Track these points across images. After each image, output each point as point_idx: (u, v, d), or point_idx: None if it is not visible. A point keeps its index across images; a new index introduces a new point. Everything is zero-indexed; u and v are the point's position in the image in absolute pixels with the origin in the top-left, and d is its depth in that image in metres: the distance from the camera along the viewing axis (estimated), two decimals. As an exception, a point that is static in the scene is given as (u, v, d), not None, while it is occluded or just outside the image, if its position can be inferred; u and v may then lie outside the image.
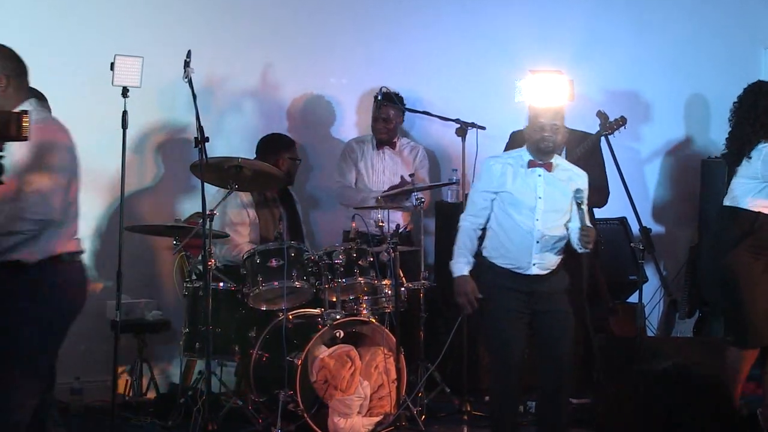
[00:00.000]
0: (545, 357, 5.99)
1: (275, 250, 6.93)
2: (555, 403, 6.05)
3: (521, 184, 5.93)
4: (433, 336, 7.53)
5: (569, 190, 5.92)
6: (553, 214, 5.92)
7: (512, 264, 5.94)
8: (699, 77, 9.16)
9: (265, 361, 6.94)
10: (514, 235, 5.91)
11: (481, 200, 6.01)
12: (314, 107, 8.44)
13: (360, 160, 8.12)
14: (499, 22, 8.68)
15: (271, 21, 8.25)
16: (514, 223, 5.92)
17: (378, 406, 6.91)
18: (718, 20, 9.23)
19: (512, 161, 6.00)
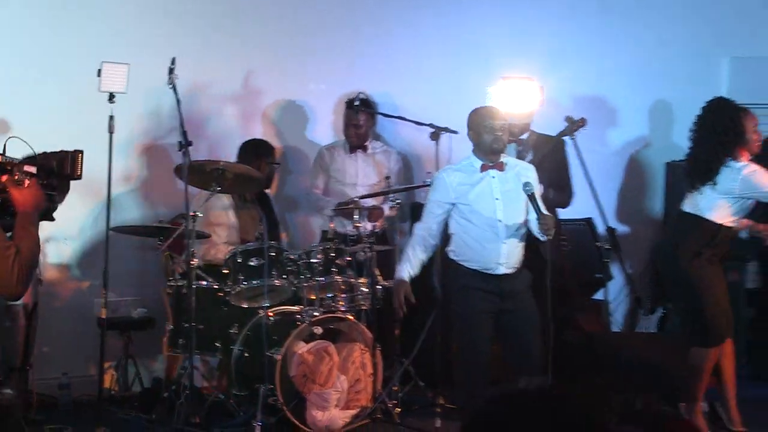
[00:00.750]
0: (514, 354, 6.16)
1: (256, 249, 6.98)
2: None
3: (478, 190, 6.08)
4: (407, 332, 7.58)
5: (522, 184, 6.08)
6: (513, 212, 6.07)
7: (481, 266, 6.10)
8: (663, 84, 9.20)
9: (246, 356, 7.00)
10: (480, 239, 6.07)
11: (438, 210, 6.17)
12: (293, 112, 8.51)
13: (331, 165, 8.22)
14: (472, 30, 8.75)
15: (253, 29, 8.33)
16: (479, 228, 6.07)
17: (355, 399, 6.97)
18: (683, 29, 9.26)
19: (464, 170, 6.17)
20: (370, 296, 7.19)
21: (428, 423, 7.04)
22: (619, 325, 8.94)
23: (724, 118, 6.75)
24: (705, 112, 6.87)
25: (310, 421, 6.79)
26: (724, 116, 6.76)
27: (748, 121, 6.70)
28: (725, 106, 6.82)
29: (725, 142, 6.71)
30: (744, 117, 6.71)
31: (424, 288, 7.54)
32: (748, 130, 6.69)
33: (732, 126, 6.70)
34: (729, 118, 6.73)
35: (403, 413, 7.23)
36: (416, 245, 6.23)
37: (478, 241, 6.10)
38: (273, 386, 6.71)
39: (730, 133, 6.71)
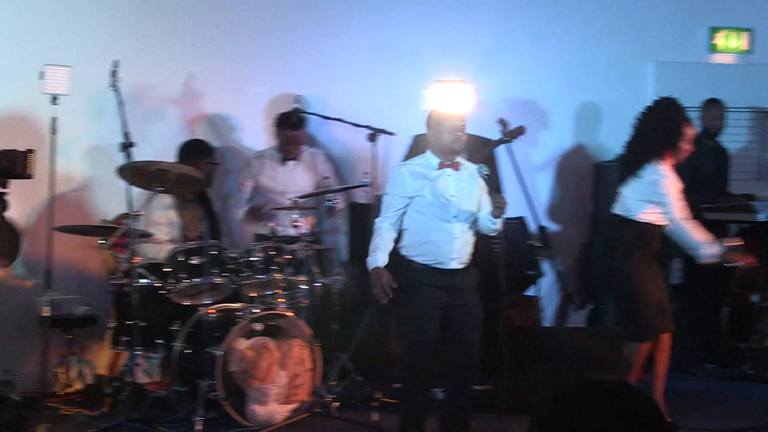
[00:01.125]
0: (455, 348, 6.25)
1: (197, 248, 7.07)
2: (462, 392, 6.33)
3: (435, 187, 6.19)
4: (345, 328, 7.64)
5: (476, 184, 6.24)
6: (466, 210, 6.21)
7: (433, 260, 6.20)
8: (592, 87, 9.34)
9: (187, 353, 7.03)
10: (434, 233, 6.17)
11: (396, 203, 6.23)
12: (233, 113, 8.56)
13: (260, 174, 8.27)
14: (407, 34, 8.81)
15: (194, 33, 8.36)
16: (433, 223, 6.18)
17: (294, 394, 7.01)
18: (610, 34, 9.41)
19: (421, 166, 6.28)
20: (309, 293, 7.27)
21: (366, 417, 7.10)
22: (551, 320, 9.03)
23: (667, 120, 6.90)
24: (652, 109, 7.02)
25: (250, 415, 6.85)
26: (667, 118, 6.91)
27: (687, 131, 6.85)
28: (672, 109, 6.95)
29: (659, 143, 6.87)
30: (685, 126, 6.86)
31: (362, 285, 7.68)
32: (683, 139, 6.84)
33: (671, 130, 6.85)
34: (671, 121, 6.88)
35: (342, 407, 7.29)
36: (382, 237, 6.23)
37: (432, 235, 6.19)
38: (214, 382, 6.76)
39: (667, 136, 6.86)
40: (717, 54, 9.78)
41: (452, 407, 6.38)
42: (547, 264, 8.58)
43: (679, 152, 6.89)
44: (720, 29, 9.75)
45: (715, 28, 9.74)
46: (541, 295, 8.41)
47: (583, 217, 9.31)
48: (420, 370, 6.26)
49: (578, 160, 9.42)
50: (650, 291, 6.90)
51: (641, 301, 6.89)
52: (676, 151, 6.88)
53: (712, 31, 9.74)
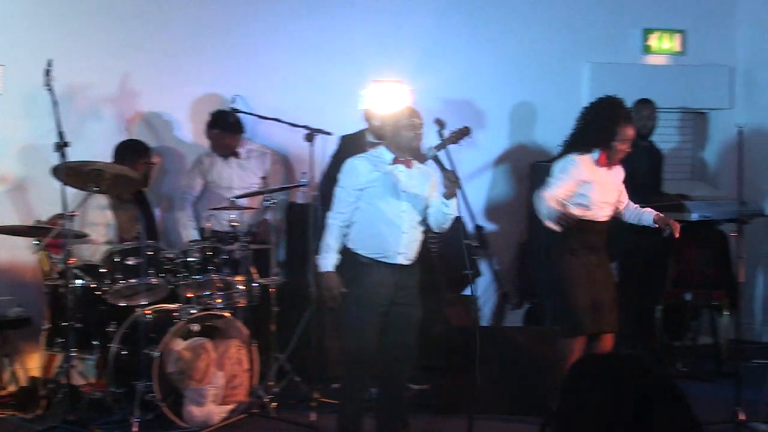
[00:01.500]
0: (391, 347, 6.26)
1: (133, 248, 7.04)
2: (397, 391, 6.37)
3: (386, 180, 6.22)
4: (283, 328, 7.65)
5: (426, 183, 6.30)
6: (415, 206, 6.26)
7: (379, 254, 6.21)
8: (529, 87, 9.44)
9: (123, 354, 7.00)
10: (382, 226, 6.19)
11: (349, 197, 6.23)
12: (169, 113, 8.55)
13: (209, 172, 8.31)
14: (344, 33, 8.86)
15: (129, 32, 8.35)
16: (382, 216, 6.20)
17: (231, 395, 7.02)
18: (546, 35, 9.50)
19: (373, 160, 6.31)
20: (246, 293, 7.27)
21: (304, 417, 7.12)
22: (488, 320, 9.12)
23: (603, 118, 6.96)
24: (592, 105, 7.09)
25: (187, 416, 6.85)
26: (603, 117, 6.97)
27: (623, 130, 6.90)
28: (610, 107, 7.01)
29: (592, 141, 6.95)
30: (620, 125, 6.90)
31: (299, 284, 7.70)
32: (617, 138, 6.90)
33: (606, 127, 6.91)
34: (607, 119, 6.93)
35: (280, 408, 7.29)
36: (333, 235, 6.25)
37: (380, 228, 6.21)
38: (150, 383, 6.76)
39: (600, 133, 6.93)
40: (651, 55, 9.93)
41: (388, 407, 6.40)
42: (484, 263, 8.63)
43: (614, 152, 6.95)
44: (653, 31, 9.90)
45: (649, 30, 9.89)
46: (479, 294, 8.46)
47: (520, 217, 9.35)
48: (360, 369, 6.28)
49: (515, 160, 9.50)
50: (582, 287, 6.93)
51: (571, 296, 6.93)
52: (610, 150, 6.94)
53: (645, 32, 9.88)
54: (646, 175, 8.91)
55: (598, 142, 6.94)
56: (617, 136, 6.90)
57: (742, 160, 7.10)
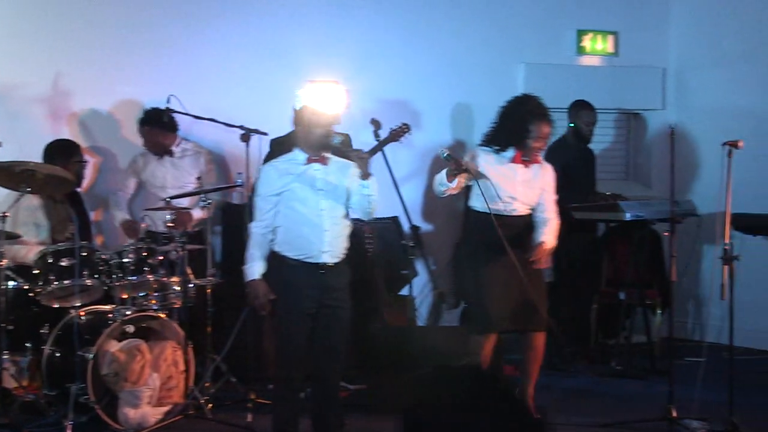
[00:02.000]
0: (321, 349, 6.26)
1: (67, 249, 6.98)
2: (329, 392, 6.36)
3: (302, 181, 6.20)
4: (219, 329, 7.62)
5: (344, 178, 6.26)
6: (335, 203, 6.23)
7: (304, 254, 6.18)
8: (465, 88, 9.48)
9: (57, 356, 6.97)
10: (304, 227, 6.17)
11: (266, 204, 6.22)
12: (102, 112, 8.48)
13: (143, 171, 8.28)
14: (279, 33, 8.85)
15: (61, 31, 8.28)
16: (303, 217, 6.17)
17: (167, 396, 7.00)
18: (481, 36, 9.56)
19: (287, 162, 6.29)
20: (182, 294, 7.25)
21: (240, 418, 7.09)
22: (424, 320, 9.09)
23: (515, 116, 6.97)
24: (507, 103, 7.10)
25: (122, 419, 6.82)
26: (515, 113, 6.98)
27: (536, 127, 6.88)
28: (522, 104, 7.03)
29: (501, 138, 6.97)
30: (533, 122, 6.89)
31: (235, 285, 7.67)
32: (530, 135, 6.90)
33: (517, 124, 6.92)
34: (519, 117, 6.94)
35: (216, 409, 7.28)
36: (257, 244, 6.26)
37: (302, 229, 6.20)
38: (84, 385, 6.72)
39: (510, 131, 6.94)
40: (585, 56, 10.01)
41: (321, 407, 6.40)
42: (420, 264, 8.65)
43: (529, 149, 6.95)
44: (587, 32, 9.98)
45: (583, 31, 9.98)
46: (415, 294, 8.43)
47: (456, 217, 9.37)
48: (289, 370, 6.28)
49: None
50: (489, 283, 6.89)
51: (481, 292, 6.91)
52: (525, 148, 6.94)
53: (579, 33, 9.96)
54: (581, 175, 8.98)
55: (513, 140, 6.95)
56: (530, 133, 6.90)
57: (674, 160, 7.14)
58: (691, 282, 9.33)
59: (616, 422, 7.16)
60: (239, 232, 7.03)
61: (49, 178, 7.01)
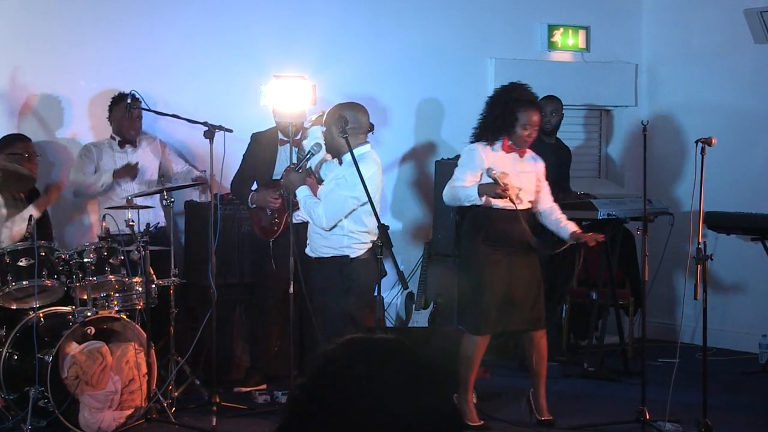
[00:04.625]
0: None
1: (25, 249, 6.90)
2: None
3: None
4: (183, 331, 7.61)
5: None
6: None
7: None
8: (433, 84, 9.42)
9: (15, 358, 6.91)
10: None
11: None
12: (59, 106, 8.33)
13: (100, 161, 8.10)
14: (243, 27, 8.76)
15: (19, 25, 8.16)
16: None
17: (129, 399, 6.96)
18: (450, 31, 9.48)
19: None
20: (144, 295, 7.15)
21: (205, 421, 7.04)
22: (393, 320, 9.10)
23: (500, 105, 6.93)
24: (494, 93, 7.09)
25: (83, 423, 6.79)
26: (500, 102, 6.94)
27: (522, 115, 6.85)
28: (509, 92, 6.98)
29: (491, 127, 6.92)
30: (519, 109, 6.85)
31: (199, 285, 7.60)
32: (518, 123, 6.85)
33: (502, 113, 6.88)
34: (504, 105, 6.91)
35: (179, 412, 7.24)
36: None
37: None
38: (44, 388, 6.67)
39: (498, 120, 6.89)
40: (555, 51, 9.97)
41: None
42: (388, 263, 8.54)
43: (518, 137, 6.91)
44: (558, 27, 9.94)
45: (553, 26, 9.94)
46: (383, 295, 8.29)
47: (426, 215, 9.36)
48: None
49: (420, 157, 9.50)
50: (495, 282, 6.87)
51: (478, 292, 6.91)
52: (512, 136, 6.90)
53: (550, 28, 9.92)
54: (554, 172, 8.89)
55: (501, 129, 6.91)
56: (518, 121, 6.86)
57: (647, 157, 7.11)
58: (663, 282, 9.27)
59: (588, 424, 7.17)
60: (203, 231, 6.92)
61: (8, 175, 6.94)
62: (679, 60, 10.03)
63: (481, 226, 6.91)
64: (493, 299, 6.88)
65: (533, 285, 7.01)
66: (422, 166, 9.46)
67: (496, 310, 6.90)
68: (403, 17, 9.41)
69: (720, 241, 8.96)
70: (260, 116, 8.06)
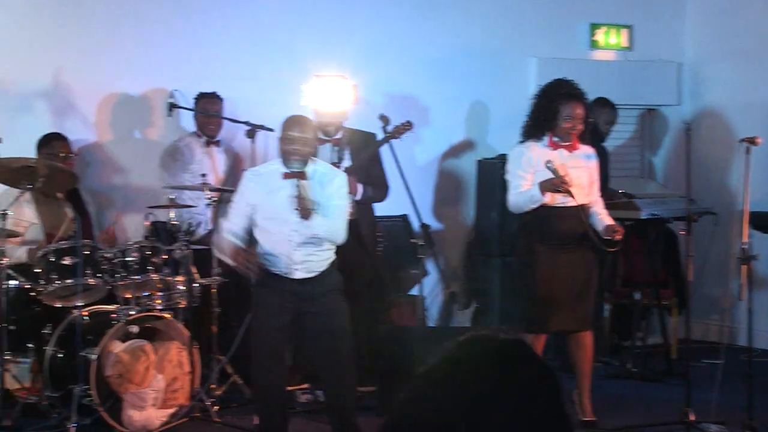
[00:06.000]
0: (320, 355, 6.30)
1: (69, 248, 6.92)
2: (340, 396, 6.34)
3: (276, 197, 6.12)
4: (225, 330, 7.60)
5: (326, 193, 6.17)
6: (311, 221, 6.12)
7: (278, 269, 6.17)
8: (474, 82, 9.36)
9: (59, 357, 6.93)
10: (275, 243, 6.14)
11: (241, 209, 6.21)
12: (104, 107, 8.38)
13: (192, 162, 8.13)
14: (285, 27, 8.76)
15: (62, 25, 8.19)
16: (274, 234, 6.14)
17: (172, 398, 6.98)
18: (492, 29, 9.45)
19: (267, 175, 6.21)
20: (187, 294, 7.17)
21: (247, 420, 7.02)
22: (435, 320, 9.08)
23: (544, 99, 6.94)
24: (538, 89, 7.07)
25: (127, 421, 6.79)
26: (544, 98, 6.95)
27: (565, 108, 6.82)
28: (550, 88, 6.98)
29: (535, 125, 6.93)
30: (561, 103, 6.84)
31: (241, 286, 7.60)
32: (560, 116, 6.83)
33: (545, 108, 6.88)
34: (548, 100, 6.90)
35: (221, 411, 7.24)
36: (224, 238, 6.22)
37: (273, 247, 6.16)
38: (88, 387, 6.69)
39: (541, 115, 6.89)
40: (598, 50, 9.92)
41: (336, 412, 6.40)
42: (430, 263, 8.57)
43: (561, 131, 6.88)
44: (600, 26, 9.89)
45: (596, 25, 9.89)
46: (425, 294, 8.38)
47: (467, 215, 9.34)
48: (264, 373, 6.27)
49: (461, 156, 9.47)
50: (544, 282, 6.85)
51: (531, 291, 6.90)
52: (555, 129, 6.89)
53: (592, 27, 9.86)
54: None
55: (545, 125, 6.90)
56: (560, 114, 6.84)
57: (690, 156, 7.04)
58: (708, 282, 9.19)
59: (632, 426, 7.13)
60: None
61: (51, 174, 6.95)
62: (722, 59, 9.93)
63: (538, 223, 6.89)
64: (549, 298, 6.86)
65: (587, 284, 6.98)
66: (463, 166, 9.42)
67: (550, 308, 6.88)
68: (444, 16, 9.39)
69: (765, 241, 8.86)
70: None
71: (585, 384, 7.08)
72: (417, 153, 9.10)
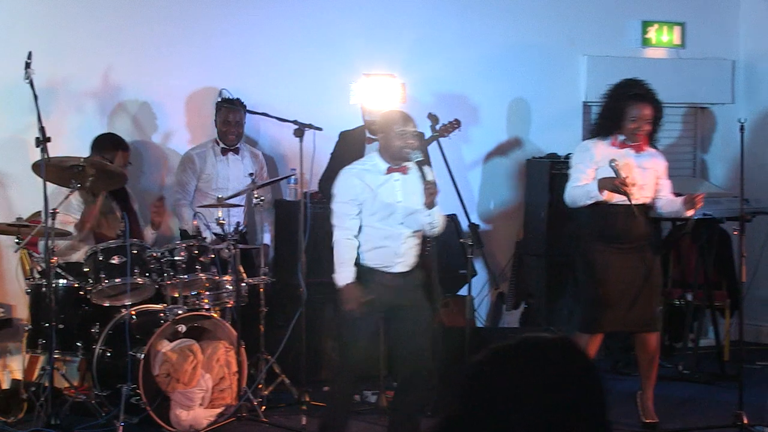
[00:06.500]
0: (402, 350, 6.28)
1: (117, 247, 6.96)
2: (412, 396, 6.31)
3: (382, 192, 6.15)
4: (272, 329, 7.60)
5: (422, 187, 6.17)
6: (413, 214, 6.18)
7: (379, 263, 6.18)
8: (524, 81, 9.31)
9: (108, 356, 6.96)
10: (383, 240, 6.15)
11: (349, 210, 6.17)
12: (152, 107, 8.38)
13: (203, 171, 8.12)
14: (333, 25, 8.74)
15: (110, 24, 8.21)
16: (381, 229, 6.15)
17: (219, 398, 6.99)
18: (542, 27, 9.39)
19: (369, 171, 6.21)
20: (234, 293, 7.17)
21: (294, 420, 7.03)
22: (484, 321, 9.04)
23: (611, 100, 6.91)
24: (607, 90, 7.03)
25: (174, 420, 6.81)
26: (611, 98, 6.92)
27: (631, 109, 6.78)
28: (617, 89, 6.94)
29: (602, 124, 6.92)
30: (627, 104, 6.80)
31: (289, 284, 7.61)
32: (626, 117, 6.79)
33: (612, 108, 6.86)
34: (614, 101, 6.88)
35: (269, 411, 7.25)
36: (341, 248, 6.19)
37: (380, 242, 6.18)
38: (136, 386, 6.73)
39: (607, 117, 6.88)
40: (649, 48, 9.82)
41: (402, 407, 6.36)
42: (479, 263, 8.52)
43: (626, 130, 6.84)
44: (652, 23, 9.79)
45: (648, 22, 9.79)
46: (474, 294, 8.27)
47: (515, 215, 9.27)
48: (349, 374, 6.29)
49: (510, 156, 9.41)
50: (601, 281, 6.80)
51: (588, 290, 6.87)
52: (621, 130, 6.85)
53: (644, 25, 9.76)
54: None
55: (612, 125, 6.87)
56: (626, 115, 6.80)
57: (744, 155, 6.95)
58: (761, 283, 9.06)
59: (684, 428, 7.08)
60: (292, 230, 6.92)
61: (100, 174, 6.98)
62: (779, 56, 9.83)
63: (598, 222, 6.85)
64: (606, 297, 6.81)
65: (647, 285, 6.89)
66: (512, 165, 9.36)
67: (608, 308, 6.82)
68: (493, 14, 9.34)
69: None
70: (350, 114, 8.05)
71: (649, 386, 7.03)
72: (465, 152, 9.06)
